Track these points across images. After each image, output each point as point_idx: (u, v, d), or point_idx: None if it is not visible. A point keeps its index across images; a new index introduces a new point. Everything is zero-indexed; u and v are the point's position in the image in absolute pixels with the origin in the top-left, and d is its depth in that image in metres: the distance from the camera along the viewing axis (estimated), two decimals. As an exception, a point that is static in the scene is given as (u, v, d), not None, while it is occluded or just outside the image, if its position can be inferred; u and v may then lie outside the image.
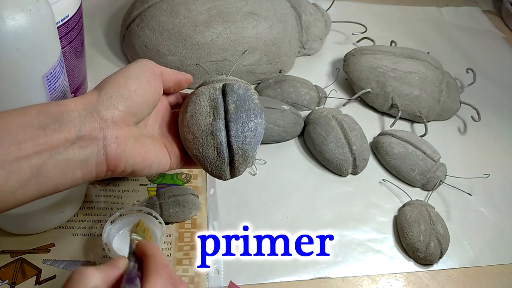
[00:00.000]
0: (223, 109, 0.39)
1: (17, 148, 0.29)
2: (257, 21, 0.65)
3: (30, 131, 0.30)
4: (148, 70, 0.37)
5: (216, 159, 0.38)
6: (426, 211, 0.54)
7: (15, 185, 0.29)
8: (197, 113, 0.39)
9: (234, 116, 0.39)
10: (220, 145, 0.38)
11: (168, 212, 0.49)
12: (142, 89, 0.35)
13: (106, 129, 0.33)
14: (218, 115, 0.39)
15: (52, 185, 0.31)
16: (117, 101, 0.34)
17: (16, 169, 0.29)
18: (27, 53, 0.34)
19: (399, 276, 0.51)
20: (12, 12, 0.32)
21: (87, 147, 0.32)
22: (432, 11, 0.97)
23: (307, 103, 0.65)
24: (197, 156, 0.39)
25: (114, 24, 0.74)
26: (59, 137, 0.31)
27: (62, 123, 0.31)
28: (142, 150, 0.36)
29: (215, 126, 0.38)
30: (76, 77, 0.56)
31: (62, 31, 0.49)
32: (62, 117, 0.31)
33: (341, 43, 0.82)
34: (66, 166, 0.31)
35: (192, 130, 0.38)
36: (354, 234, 0.54)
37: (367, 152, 0.60)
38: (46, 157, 0.30)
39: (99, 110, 0.33)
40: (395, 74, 0.67)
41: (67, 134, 0.31)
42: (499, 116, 0.75)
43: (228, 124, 0.38)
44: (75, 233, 0.48)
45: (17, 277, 0.44)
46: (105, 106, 0.33)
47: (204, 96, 0.40)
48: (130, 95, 0.34)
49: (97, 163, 0.33)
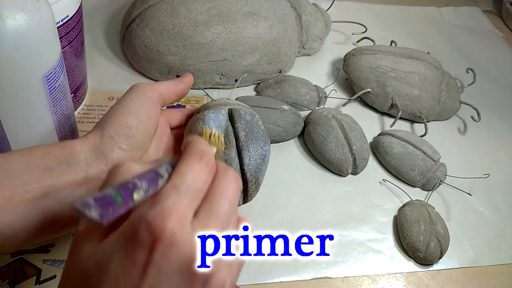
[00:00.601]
0: (234, 137, 0.39)
1: (23, 191, 0.28)
2: (257, 21, 0.65)
3: (36, 173, 0.29)
4: (147, 100, 0.36)
5: None
6: (426, 211, 0.54)
7: (20, 229, 0.28)
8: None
9: (245, 143, 0.39)
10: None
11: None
12: (143, 124, 0.35)
13: None
14: (230, 143, 0.38)
15: (58, 228, 0.30)
16: (120, 141, 0.33)
17: (21, 212, 0.28)
18: (27, 53, 0.34)
19: (399, 276, 0.51)
20: (12, 12, 0.32)
21: (95, 189, 0.31)
22: (432, 11, 0.97)
23: (307, 103, 0.65)
24: None
25: (114, 24, 0.74)
26: (67, 180, 0.30)
27: (69, 165, 0.31)
28: None
29: (228, 155, 0.38)
30: (76, 77, 0.56)
31: (62, 31, 0.49)
32: (69, 159, 0.31)
33: (341, 43, 0.82)
34: None
35: None
36: (354, 234, 0.54)
37: (367, 152, 0.60)
38: (53, 200, 0.29)
39: (105, 152, 0.32)
40: (395, 74, 0.67)
41: (74, 177, 0.31)
42: (499, 116, 0.75)
43: (241, 152, 0.39)
44: (75, 233, 0.48)
45: (17, 277, 0.44)
46: (109, 148, 0.33)
47: (212, 123, 0.39)
48: (132, 133, 0.34)
49: None
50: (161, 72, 0.64)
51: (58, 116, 0.41)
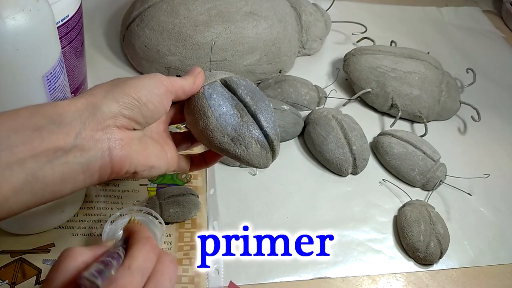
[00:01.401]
0: (242, 104, 0.39)
1: (9, 153, 0.27)
2: (257, 21, 0.65)
3: (23, 134, 0.28)
4: (163, 88, 0.35)
5: (260, 151, 0.40)
6: (426, 211, 0.54)
7: (8, 193, 0.27)
8: (222, 116, 0.38)
9: (256, 106, 0.39)
10: (261, 138, 0.39)
11: (168, 212, 0.49)
12: (153, 105, 0.34)
13: (110, 131, 0.31)
14: (243, 111, 0.39)
15: (50, 191, 0.29)
16: (124, 106, 0.32)
17: (8, 176, 0.27)
18: (27, 53, 0.34)
19: (399, 276, 0.51)
20: (12, 12, 0.32)
21: (90, 149, 0.30)
22: (432, 11, 0.97)
23: (307, 103, 0.65)
24: (241, 156, 0.39)
25: (114, 24, 0.74)
26: (57, 140, 0.28)
27: (60, 124, 0.29)
28: (145, 152, 0.35)
29: (248, 122, 0.39)
30: (76, 77, 0.56)
31: (62, 31, 0.49)
32: (60, 118, 0.29)
33: (341, 43, 0.82)
34: (65, 171, 0.29)
35: (227, 133, 0.38)
36: (354, 234, 0.54)
37: (367, 152, 0.60)
38: (43, 162, 0.28)
39: (103, 111, 0.31)
40: (395, 74, 0.67)
41: (66, 136, 0.29)
42: (499, 116, 0.75)
43: (256, 116, 0.39)
44: (75, 233, 0.48)
45: (17, 277, 0.44)
46: (110, 108, 0.31)
47: (216, 96, 0.39)
48: (139, 106, 0.33)
49: (101, 166, 0.31)
50: (161, 72, 0.64)
51: (58, 116, 0.41)
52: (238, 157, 0.39)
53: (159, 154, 0.37)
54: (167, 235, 0.49)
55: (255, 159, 0.40)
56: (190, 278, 0.46)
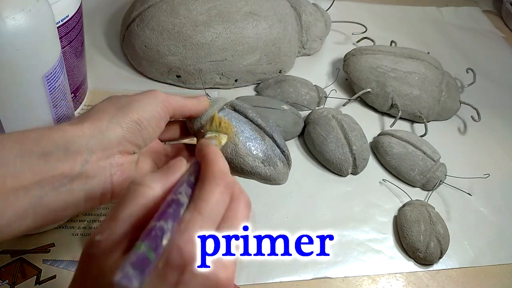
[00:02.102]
0: (257, 126, 0.41)
1: (14, 179, 0.27)
2: (257, 21, 0.65)
3: (29, 160, 0.27)
4: (160, 109, 0.34)
5: (283, 168, 0.41)
6: (426, 211, 0.54)
7: (12, 218, 0.27)
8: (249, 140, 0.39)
9: (268, 127, 0.41)
10: (281, 156, 0.41)
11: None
12: (152, 128, 0.34)
13: (112, 157, 0.31)
14: (261, 133, 0.40)
15: (52, 217, 0.29)
16: (127, 131, 0.32)
17: (13, 201, 0.27)
18: (27, 53, 0.34)
19: (399, 276, 0.51)
20: (12, 12, 0.32)
21: (95, 177, 0.30)
22: (432, 11, 0.97)
23: (307, 103, 0.65)
24: (271, 176, 0.40)
25: (114, 24, 0.74)
26: (63, 167, 0.28)
27: (67, 151, 0.29)
28: (142, 172, 0.35)
29: (269, 143, 0.40)
30: (76, 77, 0.56)
31: (62, 31, 0.49)
32: (68, 145, 0.29)
33: (341, 43, 0.82)
34: (69, 198, 0.29)
35: (257, 156, 0.39)
36: (354, 234, 0.54)
37: (367, 152, 0.60)
38: (48, 189, 0.28)
39: (109, 138, 0.31)
40: (395, 74, 0.67)
41: (73, 164, 0.29)
42: (499, 116, 0.75)
43: (272, 136, 0.41)
44: (75, 233, 0.48)
45: (17, 277, 0.44)
46: (115, 134, 0.31)
47: (235, 122, 0.39)
48: (140, 130, 0.33)
49: (103, 193, 0.31)
50: (161, 72, 0.64)
51: (58, 116, 0.41)
52: (268, 178, 0.40)
53: (151, 172, 0.37)
54: (167, 235, 0.49)
55: (281, 177, 0.41)
56: (190, 278, 0.46)
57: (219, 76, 0.65)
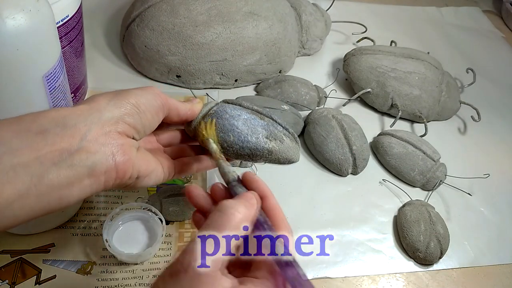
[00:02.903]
0: (252, 110, 0.40)
1: (12, 156, 0.26)
2: (257, 21, 0.65)
3: (27, 137, 0.27)
4: (159, 100, 0.35)
5: (292, 143, 0.42)
6: (426, 211, 0.54)
7: (12, 196, 0.26)
8: (247, 121, 0.39)
9: (265, 111, 0.41)
10: (287, 132, 0.41)
11: (168, 210, 0.49)
12: (151, 114, 0.34)
13: (112, 136, 0.31)
14: (260, 114, 0.40)
15: (56, 196, 0.28)
16: (126, 113, 0.32)
17: (12, 178, 0.26)
18: (27, 53, 0.34)
19: (399, 276, 0.51)
20: (12, 12, 0.32)
21: (96, 152, 0.30)
22: (432, 11, 0.97)
23: (307, 103, 0.65)
24: (279, 150, 0.40)
25: (114, 24, 0.74)
26: (62, 142, 0.28)
27: (65, 126, 0.29)
28: (145, 159, 0.35)
29: (270, 121, 0.40)
30: (76, 77, 0.56)
31: (62, 31, 0.49)
32: (65, 120, 0.29)
33: (341, 43, 0.82)
34: (71, 174, 0.28)
35: (259, 132, 0.39)
36: (354, 234, 0.54)
37: (367, 152, 0.60)
38: (48, 164, 0.27)
39: (107, 117, 0.31)
40: (395, 74, 0.67)
41: (72, 139, 0.28)
42: (499, 116, 0.75)
43: (272, 117, 0.41)
44: (75, 233, 0.48)
45: (17, 277, 0.44)
46: (112, 113, 0.31)
47: (230, 110, 0.39)
48: (138, 113, 0.33)
49: (107, 170, 0.31)
50: (161, 72, 0.64)
51: (58, 116, 0.41)
52: (277, 153, 0.40)
53: (155, 163, 0.37)
54: (167, 235, 0.49)
55: (292, 151, 0.41)
56: (190, 278, 0.46)
57: (219, 76, 0.65)
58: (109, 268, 0.45)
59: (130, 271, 0.46)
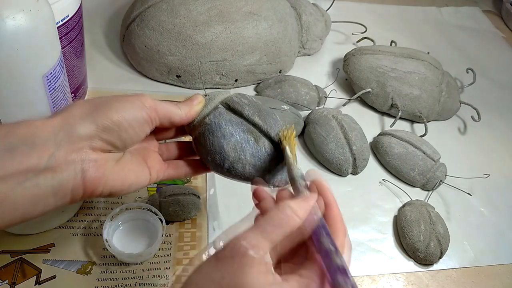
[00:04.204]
0: (251, 125, 0.38)
1: None
2: (257, 21, 0.65)
3: None
4: (144, 114, 0.33)
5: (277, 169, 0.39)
6: (426, 211, 0.54)
7: None
8: (238, 144, 0.37)
9: (267, 125, 0.38)
10: (273, 156, 0.38)
11: (168, 210, 0.49)
12: (134, 130, 0.33)
13: (84, 153, 0.30)
14: (255, 133, 0.37)
15: (19, 214, 0.28)
16: (103, 130, 0.31)
17: None
18: (27, 53, 0.34)
19: (399, 276, 0.51)
20: (12, 12, 0.32)
21: (63, 171, 0.29)
22: (432, 11, 0.97)
23: (307, 103, 0.65)
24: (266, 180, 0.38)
25: (114, 24, 0.74)
26: (28, 161, 0.28)
27: (34, 145, 0.28)
28: (122, 173, 0.33)
29: (264, 145, 0.37)
30: (76, 77, 0.56)
31: (62, 31, 0.49)
32: (34, 138, 0.28)
33: (341, 43, 0.82)
34: (36, 193, 0.28)
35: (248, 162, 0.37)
36: (354, 234, 0.54)
37: (367, 152, 0.60)
38: (13, 184, 0.27)
39: (79, 133, 0.30)
40: (395, 74, 0.67)
41: (38, 159, 0.28)
42: (499, 116, 0.75)
43: (270, 136, 0.38)
44: (75, 233, 0.48)
45: (17, 277, 0.44)
46: (86, 130, 0.30)
47: (225, 126, 0.37)
48: (118, 131, 0.32)
49: (73, 188, 0.30)
50: (161, 72, 0.64)
51: (58, 116, 0.41)
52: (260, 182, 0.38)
53: (138, 170, 0.35)
54: (167, 235, 0.49)
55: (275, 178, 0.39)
56: (190, 278, 0.46)
57: (219, 76, 0.65)
58: (109, 268, 0.45)
59: (130, 271, 0.46)
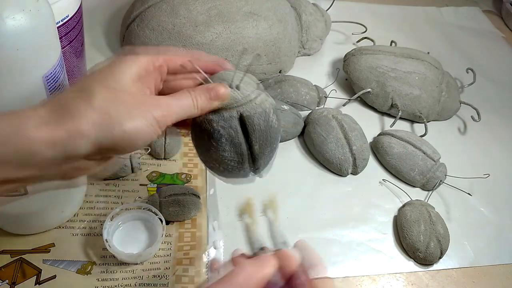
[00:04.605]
0: (247, 148, 0.38)
1: None
2: (257, 21, 0.65)
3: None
4: (154, 135, 0.31)
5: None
6: (426, 211, 0.54)
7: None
8: (224, 159, 0.38)
9: (260, 154, 0.39)
10: (250, 175, 0.41)
11: (168, 210, 0.49)
12: (135, 148, 0.31)
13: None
14: (244, 157, 0.38)
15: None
16: (105, 151, 0.30)
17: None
18: (27, 53, 0.34)
19: (399, 276, 0.51)
20: (12, 12, 0.32)
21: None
22: (432, 11, 0.97)
23: (307, 103, 0.65)
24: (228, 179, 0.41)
25: (114, 24, 0.74)
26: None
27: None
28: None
29: (244, 167, 0.39)
30: (76, 77, 0.56)
31: (62, 31, 0.49)
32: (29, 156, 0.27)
33: (341, 43, 0.82)
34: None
35: (222, 170, 0.39)
36: (354, 234, 0.54)
37: (367, 152, 0.60)
38: None
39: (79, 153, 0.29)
40: (395, 74, 0.67)
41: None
42: (499, 116, 0.75)
43: (255, 161, 0.40)
44: (75, 233, 0.48)
45: (17, 277, 0.44)
46: (88, 149, 0.28)
47: (225, 141, 0.37)
48: (122, 151, 0.30)
49: None
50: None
51: (58, 116, 0.41)
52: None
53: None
54: (167, 235, 0.49)
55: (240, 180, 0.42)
56: (190, 278, 0.46)
57: (219, 76, 0.65)
58: (109, 268, 0.45)
59: (130, 271, 0.46)
